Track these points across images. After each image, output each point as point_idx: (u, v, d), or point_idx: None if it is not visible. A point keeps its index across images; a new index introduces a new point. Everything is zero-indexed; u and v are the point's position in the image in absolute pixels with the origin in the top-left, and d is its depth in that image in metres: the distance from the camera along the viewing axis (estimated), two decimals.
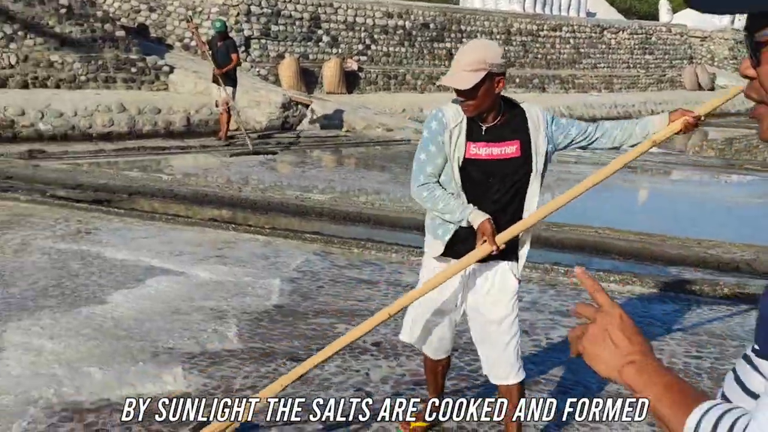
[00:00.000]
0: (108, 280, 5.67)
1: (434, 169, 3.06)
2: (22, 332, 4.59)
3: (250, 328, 4.85)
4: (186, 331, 4.74)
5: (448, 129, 3.01)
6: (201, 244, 6.95)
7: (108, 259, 6.24)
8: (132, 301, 5.25)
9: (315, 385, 4.04)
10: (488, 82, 2.91)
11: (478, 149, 3.01)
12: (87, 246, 6.62)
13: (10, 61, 14.03)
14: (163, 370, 4.15)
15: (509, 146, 3.03)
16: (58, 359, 4.24)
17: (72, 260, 6.15)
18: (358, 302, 5.40)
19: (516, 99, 3.15)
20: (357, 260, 6.47)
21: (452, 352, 3.53)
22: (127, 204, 8.65)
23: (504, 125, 3.03)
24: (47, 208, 8.06)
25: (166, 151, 12.78)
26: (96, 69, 15.09)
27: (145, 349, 4.44)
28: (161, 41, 18.16)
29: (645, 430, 3.69)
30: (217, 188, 9.61)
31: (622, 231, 7.73)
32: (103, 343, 4.49)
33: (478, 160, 3.02)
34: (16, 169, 10.22)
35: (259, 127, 15.50)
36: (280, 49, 18.80)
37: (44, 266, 5.96)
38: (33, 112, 13.03)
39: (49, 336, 4.55)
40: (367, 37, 20.68)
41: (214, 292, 5.50)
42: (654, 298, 5.80)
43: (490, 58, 2.90)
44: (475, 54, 2.92)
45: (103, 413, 3.63)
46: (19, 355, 4.25)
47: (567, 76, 25.41)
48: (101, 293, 5.38)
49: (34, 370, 4.07)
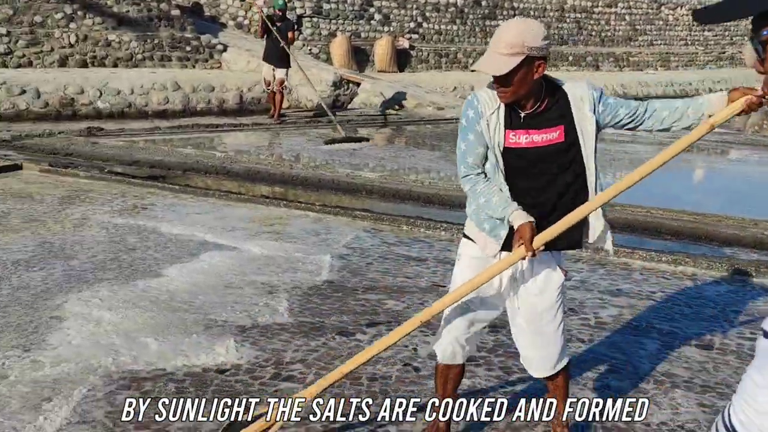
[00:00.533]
0: (163, 255, 5.82)
1: (475, 158, 2.85)
2: (82, 303, 4.75)
3: (301, 302, 4.93)
4: (238, 304, 4.85)
5: (484, 117, 2.78)
6: (253, 220, 7.06)
7: (163, 233, 6.40)
8: (186, 275, 5.38)
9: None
10: (526, 67, 2.65)
11: (518, 137, 2.79)
12: (143, 221, 6.79)
13: (69, 41, 14.37)
14: (216, 341, 4.26)
15: (552, 132, 2.79)
16: (116, 330, 4.38)
17: (129, 235, 6.32)
18: (407, 279, 5.45)
19: (559, 79, 2.87)
20: (406, 238, 6.51)
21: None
22: (182, 180, 8.83)
23: (545, 111, 2.79)
24: (105, 183, 8.28)
25: (219, 129, 12.96)
26: (152, 48, 15.35)
27: (198, 321, 4.56)
28: (215, 20, 18.35)
29: (695, 411, 3.66)
30: (269, 165, 9.73)
31: (675, 211, 7.61)
32: (158, 315, 4.62)
33: (518, 148, 2.80)
34: (75, 146, 10.51)
35: (310, 105, 15.60)
36: (331, 28, 18.83)
37: (102, 240, 6.14)
38: (92, 91, 13.33)
39: (107, 307, 4.70)
40: (419, 14, 20.57)
41: (266, 267, 5.60)
42: (707, 278, 5.72)
43: (529, 40, 2.62)
44: (513, 35, 2.64)
45: (159, 382, 3.75)
46: (80, 326, 4.40)
47: (622, 53, 24.92)
48: (157, 267, 5.52)
49: (93, 340, 4.22)
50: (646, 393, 3.81)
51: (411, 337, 4.39)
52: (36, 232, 6.27)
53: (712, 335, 4.62)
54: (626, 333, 4.60)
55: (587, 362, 4.17)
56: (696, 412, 3.64)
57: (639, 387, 3.88)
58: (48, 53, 14.13)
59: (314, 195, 8.51)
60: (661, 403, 3.72)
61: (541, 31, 2.67)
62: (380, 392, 3.74)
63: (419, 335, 4.43)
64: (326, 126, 13.69)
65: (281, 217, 7.24)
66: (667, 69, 25.75)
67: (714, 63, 27.43)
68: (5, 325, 4.38)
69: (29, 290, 4.95)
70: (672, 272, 5.82)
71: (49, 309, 4.65)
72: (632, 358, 4.24)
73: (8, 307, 4.65)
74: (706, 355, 4.31)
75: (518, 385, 3.83)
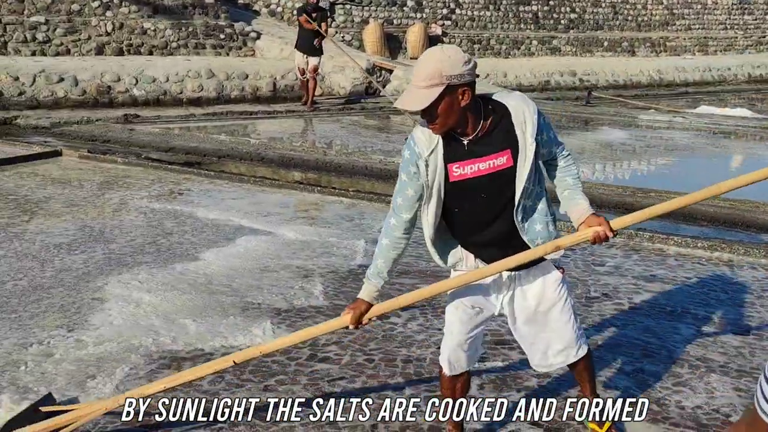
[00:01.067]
0: (200, 239, 5.91)
1: (404, 201, 2.75)
2: (122, 286, 4.86)
3: (335, 286, 4.99)
4: (274, 287, 4.92)
5: (422, 158, 2.66)
6: (288, 205, 7.14)
7: (200, 218, 6.50)
8: (223, 258, 5.47)
9: (397, 342, 4.16)
10: (449, 97, 2.54)
11: (462, 168, 2.66)
12: (180, 206, 6.90)
13: (106, 29, 14.55)
14: (252, 323, 4.33)
15: (499, 157, 2.65)
16: (156, 311, 4.48)
17: (166, 219, 6.43)
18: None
19: (498, 96, 2.72)
20: None
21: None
22: (217, 167, 8.93)
23: (489, 134, 2.64)
24: (142, 169, 8.42)
25: (253, 116, 13.06)
26: (186, 35, 15.48)
27: (235, 304, 4.64)
28: (248, 7, 18.44)
29: (731, 395, 3.65)
30: (302, 152, 9.80)
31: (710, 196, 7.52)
32: (196, 298, 4.72)
33: (463, 180, 2.66)
34: (113, 133, 10.68)
35: (343, 92, 15.64)
36: (364, 15, 18.83)
37: (140, 224, 6.25)
38: (128, 78, 13.50)
39: (146, 290, 4.80)
40: (452, 1, 20.47)
41: (301, 252, 5.67)
42: (744, 264, 5.67)
43: (446, 69, 2.52)
44: (428, 67, 2.54)
45: (198, 361, 3.83)
46: (120, 307, 4.51)
47: (658, 38, 24.56)
48: (194, 251, 5.62)
49: (134, 321, 4.32)
50: (680, 377, 3.81)
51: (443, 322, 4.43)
52: (76, 217, 6.41)
53: (749, 320, 4.59)
54: (661, 318, 4.59)
55: (621, 346, 4.17)
56: (732, 396, 3.63)
57: (673, 371, 3.88)
58: (85, 41, 14.32)
59: (347, 181, 8.57)
60: (696, 387, 3.72)
61: (459, 58, 2.55)
62: (414, 374, 3.79)
63: None
64: (359, 113, 13.74)
65: (315, 202, 7.31)
66: (705, 54, 25.32)
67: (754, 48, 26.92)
68: (49, 305, 4.51)
69: (71, 272, 5.08)
70: (708, 258, 5.77)
71: (91, 291, 4.77)
72: (667, 342, 4.23)
73: (52, 289, 4.78)
74: (741, 340, 4.29)
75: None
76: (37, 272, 5.07)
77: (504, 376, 3.80)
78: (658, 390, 3.69)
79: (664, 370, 3.89)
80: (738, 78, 23.88)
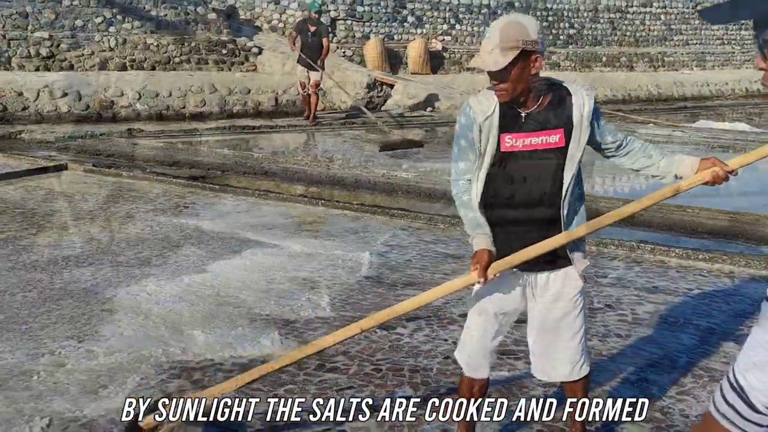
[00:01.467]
0: (206, 251, 5.98)
1: (466, 165, 2.81)
2: (131, 297, 4.92)
3: (342, 297, 5.05)
4: (281, 299, 4.98)
5: (477, 123, 2.73)
6: (292, 218, 7.21)
7: (206, 231, 6.56)
8: (229, 271, 5.53)
9: (404, 352, 4.21)
10: (522, 62, 2.59)
11: (515, 140, 2.71)
12: (185, 219, 6.96)
13: (110, 44, 14.68)
14: (260, 334, 4.39)
15: (552, 135, 2.70)
16: (165, 322, 4.53)
17: (172, 232, 6.49)
18: (445, 275, 5.53)
19: (560, 79, 2.81)
20: (443, 236, 6.60)
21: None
22: (221, 180, 9.01)
23: (546, 110, 2.71)
24: (147, 183, 8.49)
25: (256, 130, 13.16)
26: (189, 51, 15.62)
27: (243, 315, 4.69)
28: (250, 23, 18.59)
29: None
30: (306, 166, 9.88)
31: (711, 210, 7.59)
32: (204, 309, 4.77)
33: (515, 152, 2.72)
34: (117, 147, 10.77)
35: (344, 107, 15.75)
36: (365, 30, 18.98)
37: (147, 237, 6.32)
38: (131, 93, 13.61)
39: (155, 301, 4.86)
40: (452, 16, 20.64)
41: (307, 264, 5.73)
42: (745, 276, 5.73)
43: (523, 34, 2.57)
44: (506, 30, 2.59)
45: (208, 371, 3.88)
46: (130, 318, 4.57)
47: (656, 53, 24.74)
48: (201, 263, 5.68)
49: (144, 332, 4.38)
50: (683, 386, 3.87)
51: (450, 332, 4.49)
52: (83, 230, 6.47)
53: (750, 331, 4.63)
54: (663, 329, 4.65)
55: (625, 356, 4.22)
56: None
57: (677, 380, 3.94)
58: (89, 56, 14.45)
59: (351, 194, 8.64)
60: (700, 396, 3.77)
61: (534, 25, 2.63)
62: (422, 383, 3.84)
63: (458, 330, 4.51)
64: (360, 127, 13.83)
65: (320, 215, 7.38)
66: (702, 69, 25.50)
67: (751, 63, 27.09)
68: (59, 317, 4.56)
69: (80, 284, 5.14)
70: (709, 270, 5.84)
71: (100, 302, 4.82)
72: (670, 352, 4.28)
73: (62, 300, 4.83)
74: None
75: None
76: (47, 284, 5.13)
77: (509, 386, 3.85)
78: (662, 399, 3.74)
79: (668, 380, 3.94)
80: (735, 92, 24.03)
